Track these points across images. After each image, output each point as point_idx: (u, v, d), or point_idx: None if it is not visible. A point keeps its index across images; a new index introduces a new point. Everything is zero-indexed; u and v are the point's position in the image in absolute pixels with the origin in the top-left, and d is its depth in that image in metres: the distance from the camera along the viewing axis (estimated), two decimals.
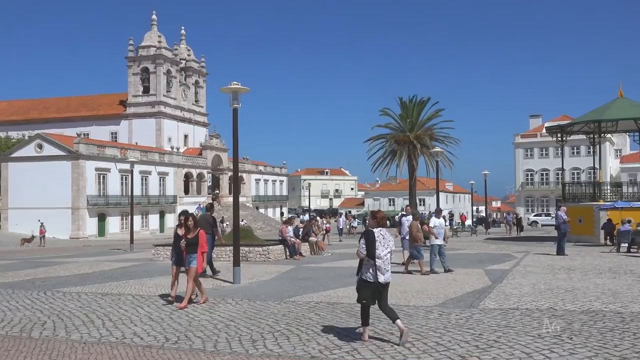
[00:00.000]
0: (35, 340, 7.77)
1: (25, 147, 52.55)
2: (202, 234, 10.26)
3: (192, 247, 10.16)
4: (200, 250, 10.20)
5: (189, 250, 10.17)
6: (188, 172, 66.66)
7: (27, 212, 48.91)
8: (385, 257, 7.27)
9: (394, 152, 46.71)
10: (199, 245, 10.18)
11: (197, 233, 10.24)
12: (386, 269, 7.29)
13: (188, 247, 10.15)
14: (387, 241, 7.32)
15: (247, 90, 13.80)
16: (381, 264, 7.22)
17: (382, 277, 7.22)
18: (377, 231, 7.35)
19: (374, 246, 7.18)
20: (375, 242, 7.20)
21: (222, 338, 7.71)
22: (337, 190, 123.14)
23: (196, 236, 10.20)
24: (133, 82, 72.51)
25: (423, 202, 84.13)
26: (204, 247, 10.28)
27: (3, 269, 18.44)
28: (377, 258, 7.18)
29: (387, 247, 7.30)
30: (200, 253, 10.23)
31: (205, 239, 10.36)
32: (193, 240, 10.18)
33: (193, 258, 10.16)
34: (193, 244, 10.17)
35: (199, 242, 10.19)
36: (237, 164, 14.46)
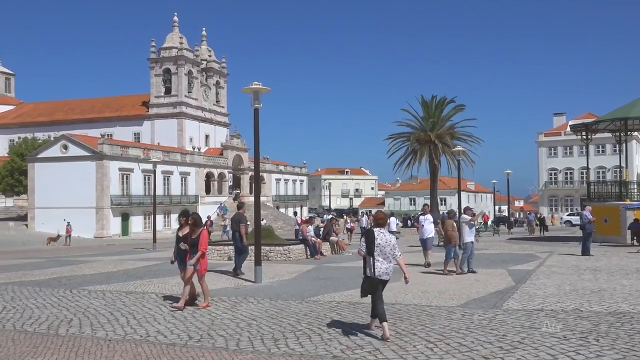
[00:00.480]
0: (62, 338, 7.89)
1: (51, 148, 53.39)
2: (204, 234, 9.86)
3: (195, 247, 9.82)
4: (200, 249, 9.77)
5: (192, 252, 9.84)
6: (209, 172, 67.10)
7: (52, 211, 49.69)
8: (384, 255, 7.62)
9: (415, 152, 46.50)
10: (199, 245, 9.77)
11: (199, 233, 9.85)
12: (386, 265, 7.65)
13: (191, 248, 9.84)
14: (386, 240, 7.67)
15: (268, 91, 13.84)
16: (380, 261, 7.61)
17: (379, 273, 7.61)
18: (377, 230, 7.75)
19: (373, 244, 7.59)
20: (374, 240, 7.60)
21: (244, 337, 7.76)
22: (357, 189, 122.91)
23: (197, 236, 9.82)
24: (155, 83, 73.22)
25: (444, 201, 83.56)
26: (203, 246, 9.79)
27: (30, 267, 18.78)
28: (376, 255, 7.59)
29: (387, 246, 7.64)
30: (201, 253, 9.82)
31: (207, 238, 9.98)
32: (194, 241, 9.81)
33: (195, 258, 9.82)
34: (194, 245, 9.80)
35: (200, 242, 9.76)
36: (258, 164, 14.51)
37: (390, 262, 7.70)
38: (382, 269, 7.61)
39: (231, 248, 20.51)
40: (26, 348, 7.31)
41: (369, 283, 7.68)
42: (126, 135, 70.77)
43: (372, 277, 7.61)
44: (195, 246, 9.75)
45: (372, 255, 7.61)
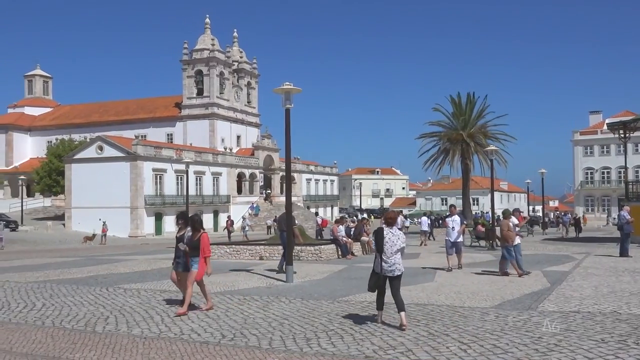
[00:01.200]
0: (99, 335, 8.06)
1: (87, 149, 54.55)
2: (205, 237, 9.50)
3: (194, 250, 9.47)
4: (202, 255, 9.46)
5: (191, 254, 9.50)
6: (241, 172, 67.64)
7: (88, 211, 50.74)
8: (391, 252, 8.17)
9: (447, 151, 46.04)
10: (200, 250, 9.44)
11: (199, 236, 9.49)
12: (392, 262, 8.18)
13: (190, 251, 9.49)
14: (395, 238, 8.23)
15: (299, 91, 13.89)
16: (387, 258, 8.16)
17: (386, 269, 8.17)
18: (387, 230, 8.30)
19: (382, 242, 8.17)
20: (383, 239, 8.18)
21: (276, 336, 7.80)
22: (388, 189, 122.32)
23: (198, 239, 9.47)
24: (187, 84, 74.15)
25: (477, 201, 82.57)
26: (205, 252, 9.47)
27: (68, 265, 19.23)
28: (383, 253, 8.15)
29: (395, 244, 8.18)
30: (203, 258, 9.50)
31: (208, 242, 9.60)
32: (195, 244, 9.47)
33: (194, 262, 9.49)
34: (195, 248, 9.47)
35: (201, 245, 9.45)
36: (289, 164, 14.57)
37: (398, 259, 8.21)
38: (388, 266, 8.15)
39: (263, 247, 20.72)
40: (65, 344, 7.49)
41: (376, 279, 8.28)
42: (159, 136, 71.84)
43: (379, 273, 8.19)
44: (196, 249, 9.45)
45: (381, 253, 8.16)
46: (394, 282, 8.28)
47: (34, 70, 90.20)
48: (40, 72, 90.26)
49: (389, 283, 8.31)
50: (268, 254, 20.00)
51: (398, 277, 8.28)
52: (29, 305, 10.64)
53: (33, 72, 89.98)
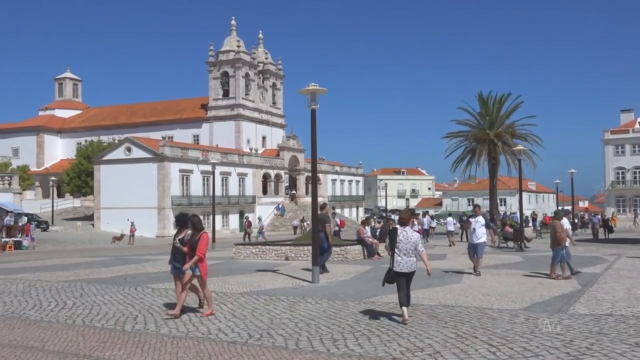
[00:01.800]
0: (128, 334, 8.17)
1: (116, 150, 55.35)
2: (204, 238, 9.18)
3: (194, 251, 9.16)
4: (197, 253, 9.09)
5: (191, 255, 9.18)
6: (266, 172, 67.91)
7: (117, 211, 51.48)
8: (404, 251, 8.66)
9: (474, 151, 45.56)
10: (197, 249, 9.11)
11: (199, 236, 9.19)
12: (406, 259, 8.66)
13: (190, 252, 9.19)
14: (408, 237, 8.72)
15: (325, 91, 13.89)
16: (401, 255, 8.67)
17: (398, 266, 8.66)
18: (400, 229, 8.85)
19: (396, 241, 8.70)
20: (397, 237, 8.71)
21: (303, 336, 7.80)
22: (414, 190, 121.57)
23: (197, 240, 9.17)
24: (213, 86, 74.75)
25: (504, 202, 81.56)
26: (199, 250, 9.10)
27: (97, 265, 19.54)
28: (398, 250, 8.66)
29: (408, 243, 8.67)
30: (199, 258, 9.14)
31: (207, 242, 9.25)
32: (195, 245, 9.17)
33: (196, 265, 9.20)
34: (194, 249, 9.15)
35: (199, 244, 9.11)
36: (315, 165, 14.57)
37: (411, 257, 8.70)
38: (401, 263, 8.65)
39: (288, 248, 20.76)
40: (95, 343, 7.60)
41: (389, 275, 8.83)
42: (186, 137, 72.54)
43: (394, 270, 8.72)
44: (193, 251, 9.15)
45: (394, 251, 8.71)
46: (408, 278, 8.82)
47: (64, 74, 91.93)
48: (70, 75, 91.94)
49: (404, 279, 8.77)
50: (294, 255, 20.03)
51: (411, 273, 8.79)
52: (60, 304, 10.83)
53: (63, 75, 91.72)
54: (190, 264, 9.08)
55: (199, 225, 9.36)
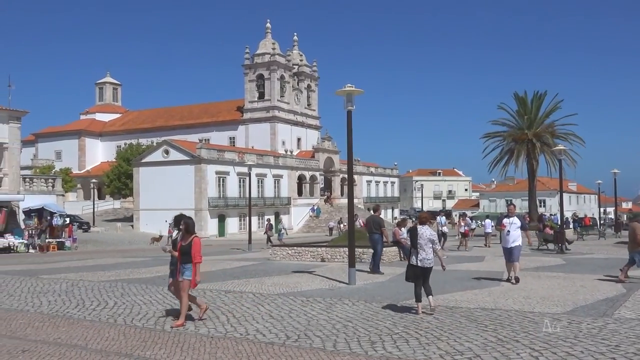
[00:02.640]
0: (168, 333, 8.28)
1: (154, 153, 56.36)
2: (197, 242, 8.87)
3: (186, 256, 8.81)
4: (194, 260, 8.77)
5: (182, 260, 8.82)
6: (301, 174, 68.14)
7: (155, 213, 52.37)
8: (424, 246, 9.39)
9: (512, 151, 44.78)
10: (193, 256, 8.79)
11: (190, 240, 8.85)
12: (425, 256, 9.38)
13: (181, 257, 8.83)
14: (426, 234, 9.45)
15: (361, 92, 13.84)
16: (420, 252, 9.40)
17: (419, 262, 9.39)
18: (420, 227, 9.59)
19: (416, 239, 9.45)
20: (417, 235, 9.46)
21: (340, 338, 7.77)
22: (450, 191, 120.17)
23: (189, 243, 8.81)
24: (249, 88, 75.42)
25: (543, 203, 79.91)
26: (196, 257, 8.79)
27: (137, 265, 19.91)
28: (418, 246, 9.42)
29: (427, 240, 9.41)
30: (194, 264, 8.80)
31: (200, 246, 8.95)
32: (186, 249, 8.81)
33: (186, 269, 8.80)
34: (186, 253, 8.80)
35: (192, 250, 8.77)
36: (351, 166, 14.52)
37: (429, 253, 9.42)
38: (421, 258, 9.39)
39: (324, 249, 20.77)
40: (136, 342, 7.73)
41: (412, 270, 9.51)
42: (222, 139, 73.37)
43: (415, 266, 9.44)
44: (187, 255, 8.77)
45: (415, 247, 9.46)
46: (426, 273, 9.53)
47: (104, 78, 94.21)
48: (110, 80, 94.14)
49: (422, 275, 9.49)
50: (330, 256, 20.01)
51: (430, 268, 9.52)
52: (102, 303, 11.06)
53: (103, 79, 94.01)
54: (197, 273, 8.81)
55: (192, 228, 9.00)
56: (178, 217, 9.20)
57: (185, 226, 8.93)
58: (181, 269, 8.81)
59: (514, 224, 13.44)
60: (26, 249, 30.34)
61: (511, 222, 13.50)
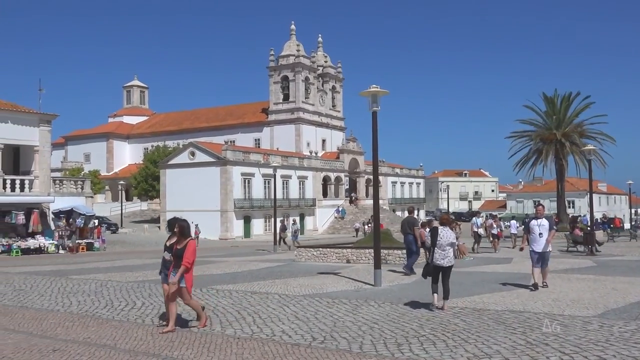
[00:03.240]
0: (194, 334, 8.34)
1: (180, 155, 56.96)
2: (191, 245, 8.47)
3: (180, 260, 8.39)
4: (183, 263, 8.30)
5: (177, 264, 8.43)
6: (326, 175, 68.17)
7: (181, 214, 52.12)
8: (443, 247, 9.89)
9: (540, 151, 44.17)
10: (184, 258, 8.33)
11: (185, 244, 8.46)
12: (444, 256, 9.89)
13: (176, 261, 8.44)
14: (446, 236, 9.97)
15: (387, 93, 13.78)
16: (439, 251, 9.89)
17: (438, 261, 9.88)
18: (441, 228, 10.13)
19: (436, 239, 9.97)
20: (437, 236, 9.98)
21: (367, 340, 7.73)
22: (477, 192, 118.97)
23: (184, 247, 8.43)
24: (274, 90, 75.75)
25: (572, 204, 78.56)
26: (186, 259, 8.33)
27: None
28: (439, 246, 9.89)
29: (447, 240, 9.90)
30: (185, 268, 8.36)
31: (194, 250, 8.55)
32: (180, 252, 8.42)
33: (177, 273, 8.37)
34: (180, 257, 8.39)
35: (185, 253, 8.36)
36: (377, 167, 14.46)
37: (449, 252, 9.94)
38: (440, 258, 9.88)
39: (349, 251, 20.74)
40: (163, 342, 7.80)
41: (430, 268, 10.03)
42: (247, 141, 73.80)
43: (434, 264, 9.91)
44: (181, 258, 8.38)
45: (434, 247, 9.96)
46: (445, 272, 10.00)
47: (131, 82, 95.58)
48: (137, 83, 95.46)
49: (442, 272, 10.01)
50: (355, 257, 19.98)
51: (449, 267, 10.01)
52: (130, 303, 11.20)
53: (131, 83, 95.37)
54: (179, 275, 8.27)
55: (187, 231, 8.60)
56: (172, 220, 8.86)
57: (179, 229, 8.55)
58: (174, 273, 8.41)
59: (542, 226, 12.66)
60: (56, 249, 30.92)
61: (539, 223, 12.72)
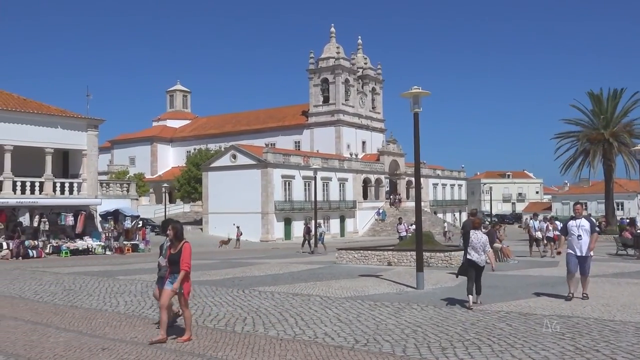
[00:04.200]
0: (238, 335, 8.42)
1: (222, 158, 57.72)
2: (187, 248, 7.92)
3: (176, 265, 7.88)
4: (182, 268, 7.81)
5: (173, 270, 7.94)
6: (366, 177, 67.93)
7: (223, 216, 53.60)
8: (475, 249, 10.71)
9: (587, 152, 42.97)
10: (181, 263, 7.84)
11: (180, 247, 7.95)
12: (477, 256, 10.69)
13: (171, 266, 7.97)
14: (479, 238, 10.79)
15: (428, 94, 13.66)
16: (473, 252, 10.72)
17: (474, 259, 10.69)
18: (473, 231, 10.99)
19: (468, 240, 10.87)
20: (470, 237, 10.86)
21: (410, 343, 7.66)
22: (520, 194, 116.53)
23: (179, 251, 7.92)
24: (314, 93, 76.00)
25: (621, 206, 76.16)
26: (184, 265, 7.83)
27: (207, 268, 20.42)
28: (471, 248, 10.73)
29: (479, 242, 10.74)
30: (185, 273, 7.87)
31: (190, 253, 7.94)
32: (175, 257, 7.91)
33: (176, 280, 7.85)
34: (176, 262, 7.88)
35: (182, 257, 7.85)
36: (418, 169, 14.34)
37: (481, 254, 10.72)
38: (475, 258, 10.68)
39: (391, 253, 20.61)
40: (208, 342, 7.91)
41: (464, 267, 10.88)
42: (287, 143, 74.24)
43: (468, 262, 10.76)
44: (177, 264, 7.85)
45: (466, 248, 10.87)
46: (479, 271, 10.80)
47: (174, 86, 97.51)
48: (180, 88, 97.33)
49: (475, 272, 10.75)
50: (396, 260, 19.84)
51: (482, 267, 10.79)
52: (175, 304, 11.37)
53: (174, 87, 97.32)
54: (179, 282, 7.80)
55: (181, 234, 8.11)
56: (165, 222, 8.51)
57: (173, 232, 8.04)
58: (171, 279, 7.94)
59: (582, 227, 11.24)
60: (103, 250, 31.75)
61: (579, 224, 11.30)
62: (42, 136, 31.08)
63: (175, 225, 8.17)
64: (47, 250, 29.67)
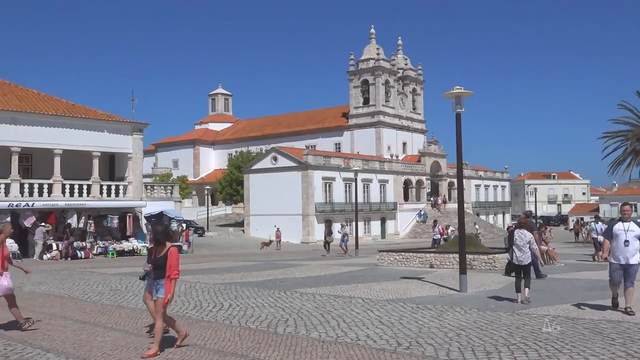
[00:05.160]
0: (280, 336, 8.46)
1: (263, 160, 58.25)
2: (173, 253, 7.46)
3: (160, 270, 7.41)
4: (168, 274, 7.37)
5: (157, 275, 7.46)
6: (407, 179, 67.41)
7: (264, 218, 54.04)
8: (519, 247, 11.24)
9: (636, 152, 41.60)
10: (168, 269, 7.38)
11: (165, 252, 7.48)
12: (522, 254, 11.21)
13: (155, 271, 7.49)
14: (522, 237, 11.27)
15: (471, 94, 13.46)
16: (517, 251, 11.25)
17: (516, 260, 11.28)
18: (517, 231, 11.46)
19: (512, 240, 11.40)
20: (513, 237, 11.38)
21: (454, 347, 7.55)
22: (566, 195, 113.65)
23: (164, 255, 7.44)
24: (354, 94, 75.94)
25: None
26: (171, 271, 7.39)
27: (249, 269, 20.62)
28: (516, 247, 11.26)
29: (522, 241, 11.23)
30: (169, 279, 7.39)
31: (177, 259, 7.50)
32: (160, 262, 7.43)
33: (161, 285, 7.42)
34: (160, 267, 7.41)
35: (168, 263, 7.38)
36: (461, 170, 14.14)
37: (526, 252, 11.19)
38: (517, 257, 11.25)
39: (433, 255, 20.37)
40: (250, 343, 7.97)
41: (511, 267, 11.59)
42: (328, 145, 74.36)
43: (512, 262, 11.44)
44: (162, 269, 7.40)
45: (511, 247, 11.41)
46: (525, 269, 11.27)
47: (216, 90, 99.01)
48: (221, 91, 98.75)
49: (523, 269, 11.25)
50: (439, 262, 19.60)
51: (527, 265, 11.28)
52: (218, 305, 11.54)
53: (215, 91, 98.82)
54: (171, 292, 7.40)
55: (162, 237, 7.57)
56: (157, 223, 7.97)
57: (154, 235, 7.50)
58: (155, 286, 7.49)
59: (630, 232, 10.02)
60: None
61: (627, 228, 10.07)
62: (89, 140, 32.02)
63: (155, 227, 7.67)
64: (95, 251, 30.55)
